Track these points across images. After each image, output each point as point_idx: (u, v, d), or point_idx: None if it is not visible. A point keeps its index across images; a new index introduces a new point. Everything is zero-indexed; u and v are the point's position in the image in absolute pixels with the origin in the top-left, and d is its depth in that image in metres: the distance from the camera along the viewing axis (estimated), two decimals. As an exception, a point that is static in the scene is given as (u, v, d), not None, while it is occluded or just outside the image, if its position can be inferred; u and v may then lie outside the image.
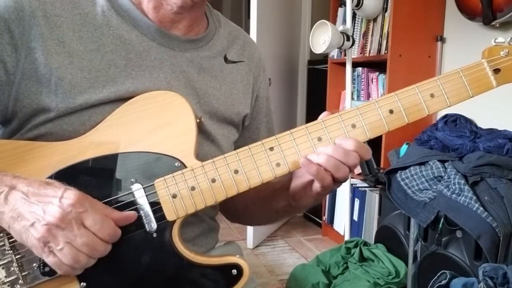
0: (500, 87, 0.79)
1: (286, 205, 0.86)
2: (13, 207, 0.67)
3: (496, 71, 0.77)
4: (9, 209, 0.68)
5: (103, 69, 0.78)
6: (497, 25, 2.25)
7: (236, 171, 0.75)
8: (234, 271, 0.76)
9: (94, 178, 0.74)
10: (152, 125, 0.76)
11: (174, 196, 0.74)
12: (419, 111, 0.76)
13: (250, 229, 2.99)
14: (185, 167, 0.75)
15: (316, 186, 0.76)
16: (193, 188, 0.74)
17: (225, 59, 0.92)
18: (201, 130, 0.83)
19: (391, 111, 0.75)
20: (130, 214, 0.73)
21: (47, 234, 0.66)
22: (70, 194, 0.67)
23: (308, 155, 0.74)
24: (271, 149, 0.75)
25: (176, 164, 0.75)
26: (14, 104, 0.76)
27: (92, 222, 0.67)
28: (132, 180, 0.74)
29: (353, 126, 0.75)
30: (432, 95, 0.76)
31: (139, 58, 0.81)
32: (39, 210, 0.66)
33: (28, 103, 0.75)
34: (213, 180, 0.74)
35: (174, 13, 0.83)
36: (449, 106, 0.77)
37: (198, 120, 0.77)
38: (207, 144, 0.86)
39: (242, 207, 0.98)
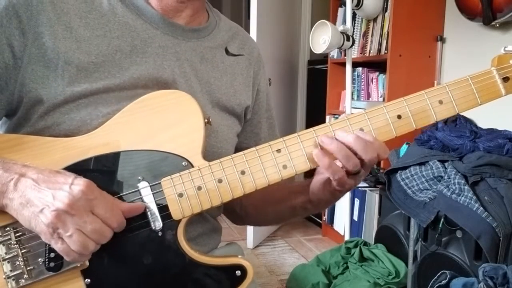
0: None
1: (305, 201, 0.87)
2: (22, 193, 0.68)
3: (505, 79, 0.77)
4: (18, 196, 0.68)
5: (109, 54, 0.79)
6: (497, 25, 2.26)
7: (243, 172, 0.75)
8: (238, 272, 0.76)
9: (102, 175, 0.74)
10: (161, 123, 0.76)
11: (180, 195, 0.74)
12: (427, 117, 0.76)
13: (250, 229, 2.99)
14: (192, 166, 0.75)
15: (333, 183, 0.76)
16: (199, 188, 0.74)
17: (226, 51, 0.93)
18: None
19: (399, 116, 0.76)
20: (137, 205, 0.73)
21: (56, 220, 0.66)
22: (80, 181, 0.68)
23: (324, 137, 0.74)
24: (278, 151, 0.75)
25: (183, 163, 0.75)
26: (20, 89, 0.77)
27: (102, 209, 0.68)
28: (139, 178, 0.74)
29: (361, 130, 0.76)
30: (440, 102, 0.76)
31: (144, 45, 0.82)
32: (48, 196, 0.66)
33: (34, 87, 0.76)
34: (220, 181, 0.75)
35: (178, 2, 0.84)
36: (457, 113, 0.77)
37: (206, 120, 0.78)
38: (207, 133, 0.86)
39: (253, 207, 0.98)
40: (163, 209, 0.74)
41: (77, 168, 0.74)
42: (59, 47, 0.76)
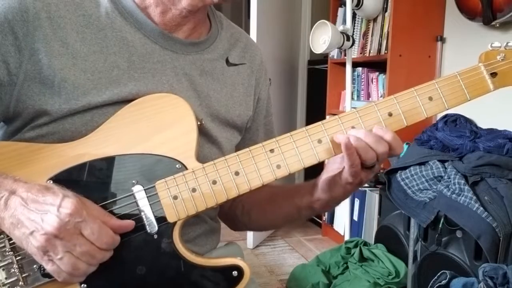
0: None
1: (312, 201, 0.86)
2: (12, 213, 0.68)
3: (493, 75, 0.78)
4: (9, 215, 0.68)
5: (106, 70, 0.78)
6: (497, 25, 2.25)
7: (237, 173, 0.75)
8: (235, 273, 0.76)
9: (96, 180, 0.74)
10: (154, 127, 0.76)
11: (175, 198, 0.74)
12: (418, 114, 0.77)
13: (250, 229, 2.98)
14: (186, 168, 0.75)
15: (346, 174, 0.76)
16: (194, 190, 0.74)
17: (227, 61, 0.92)
18: (202, 132, 0.83)
19: (390, 114, 0.76)
20: (127, 222, 0.73)
21: (46, 244, 0.66)
22: (68, 203, 0.67)
23: (338, 134, 0.74)
24: (272, 151, 0.75)
25: (177, 166, 0.75)
26: (15, 105, 0.76)
27: (90, 231, 0.67)
28: (133, 181, 0.74)
29: (353, 128, 0.76)
30: (430, 98, 0.77)
31: (142, 60, 0.81)
32: (38, 219, 0.66)
33: (31, 104, 0.76)
34: (214, 182, 0.75)
35: (182, 17, 0.83)
36: (447, 109, 0.78)
37: (199, 122, 0.78)
38: (207, 146, 0.86)
39: (257, 211, 0.97)
40: (158, 212, 0.74)
41: (71, 174, 0.74)
42: (55, 64, 0.75)
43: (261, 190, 0.92)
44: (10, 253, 0.72)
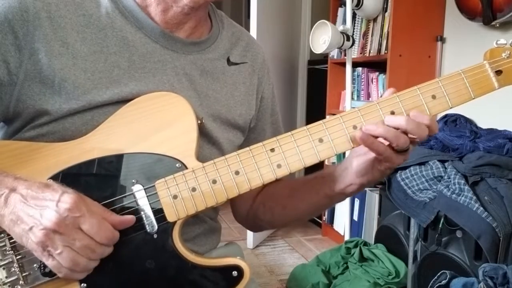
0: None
1: (344, 187, 0.84)
2: (12, 210, 0.68)
3: (498, 72, 0.76)
4: (8, 212, 0.68)
5: (106, 70, 0.78)
6: (497, 25, 2.25)
7: (237, 172, 0.75)
8: (235, 273, 0.76)
9: (96, 179, 0.74)
10: (153, 126, 0.76)
11: (175, 197, 0.74)
12: (421, 112, 0.75)
13: (250, 228, 2.98)
14: (186, 168, 0.75)
15: (379, 158, 0.75)
16: (194, 189, 0.74)
17: (228, 61, 0.91)
18: (202, 132, 0.82)
19: (392, 113, 0.75)
20: (128, 218, 0.73)
21: (45, 239, 0.66)
22: (67, 198, 0.67)
23: (368, 125, 0.73)
24: (272, 150, 0.75)
25: (177, 165, 0.75)
26: (16, 104, 0.76)
27: (89, 226, 0.67)
28: (133, 181, 0.74)
29: (355, 127, 0.75)
30: (433, 97, 0.75)
31: (143, 60, 0.81)
32: (36, 214, 0.66)
33: (31, 104, 0.76)
34: (214, 181, 0.74)
35: (184, 14, 0.83)
36: (451, 108, 0.76)
37: (199, 121, 0.77)
38: (208, 147, 0.85)
39: (281, 207, 0.94)
40: (158, 212, 0.74)
41: (71, 173, 0.74)
42: (55, 64, 0.75)
43: (280, 186, 0.92)
44: (10, 252, 0.72)
